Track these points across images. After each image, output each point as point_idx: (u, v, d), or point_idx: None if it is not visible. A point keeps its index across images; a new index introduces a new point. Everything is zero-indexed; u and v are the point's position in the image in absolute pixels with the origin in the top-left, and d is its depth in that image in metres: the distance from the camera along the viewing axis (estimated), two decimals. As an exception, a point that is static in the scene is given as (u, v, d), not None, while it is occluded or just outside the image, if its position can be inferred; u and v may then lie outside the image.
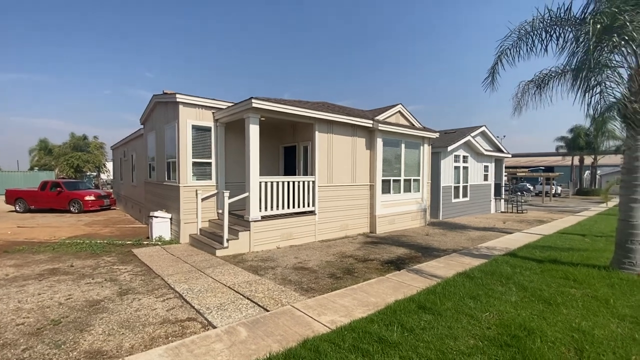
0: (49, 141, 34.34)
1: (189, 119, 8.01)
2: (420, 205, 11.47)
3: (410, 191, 11.16)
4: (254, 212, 7.22)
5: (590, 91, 4.27)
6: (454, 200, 14.08)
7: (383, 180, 10.08)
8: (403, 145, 10.76)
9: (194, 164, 8.15)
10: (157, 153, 9.92)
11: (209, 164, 8.42)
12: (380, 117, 10.12)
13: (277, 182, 7.73)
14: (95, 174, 34.53)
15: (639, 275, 4.60)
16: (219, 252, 6.68)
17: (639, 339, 2.88)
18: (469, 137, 14.21)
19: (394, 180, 10.49)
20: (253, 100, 6.83)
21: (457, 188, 14.27)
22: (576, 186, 34.30)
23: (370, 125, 9.50)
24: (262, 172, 9.06)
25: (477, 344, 2.81)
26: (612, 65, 4.41)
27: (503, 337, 2.91)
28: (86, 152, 31.54)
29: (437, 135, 12.02)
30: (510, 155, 17.72)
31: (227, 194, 6.96)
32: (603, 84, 4.24)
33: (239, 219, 7.63)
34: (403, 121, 11.24)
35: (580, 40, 4.49)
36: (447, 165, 13.60)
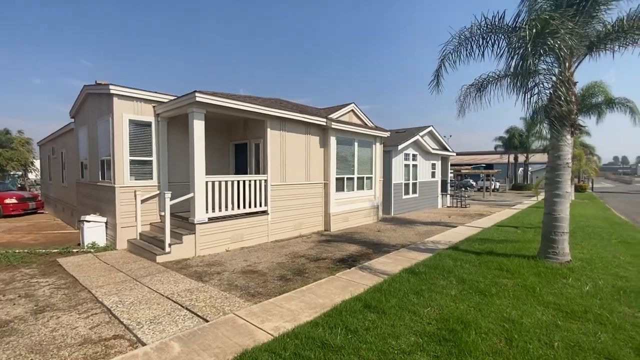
0: (-38, 136, 29.58)
1: (125, 112, 7.30)
2: (373, 203, 11.74)
3: (363, 189, 11.36)
4: (200, 214, 6.79)
5: (530, 92, 4.60)
6: (404, 197, 14.65)
7: (337, 179, 10.13)
8: (356, 144, 10.90)
9: (132, 162, 7.46)
10: (89, 150, 8.94)
11: (150, 162, 7.77)
12: (334, 116, 10.14)
13: (226, 182, 7.35)
14: (20, 173, 30.50)
15: (561, 264, 5.09)
16: (160, 258, 6.17)
17: (561, 325, 3.14)
18: (417, 137, 14.86)
19: (347, 178, 10.59)
20: (197, 94, 6.39)
21: (407, 185, 14.86)
22: (512, 182, 37.85)
23: (324, 124, 9.45)
24: (211, 171, 8.60)
25: (417, 341, 2.85)
26: (544, 71, 4.79)
27: (442, 331, 2.99)
28: (9, 149, 27.67)
29: (388, 134, 12.37)
30: (455, 154, 18.91)
31: (168, 194, 6.45)
32: (540, 85, 4.60)
33: (184, 221, 7.13)
34: (356, 120, 11.39)
35: (516, 45, 4.79)
36: (398, 163, 14.09)
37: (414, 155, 15.30)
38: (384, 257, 6.23)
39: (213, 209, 7.10)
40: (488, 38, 6.26)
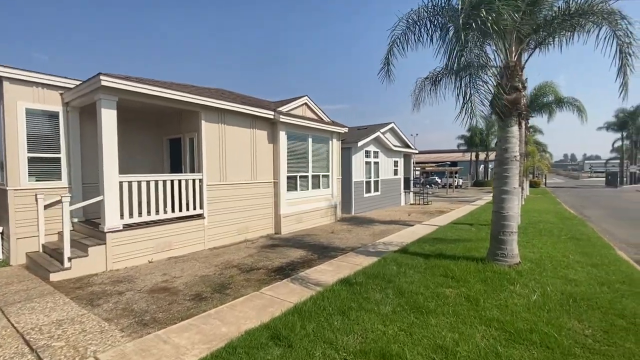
0: None
1: (20, 100, 6.07)
2: (330, 202, 11.10)
3: (319, 187, 10.69)
4: (112, 221, 5.74)
5: (461, 73, 4.07)
6: (365, 195, 14.18)
7: (289, 177, 9.37)
8: (310, 140, 10.21)
9: (32, 159, 6.24)
10: (-14, 146, 7.50)
11: (58, 159, 6.57)
12: (284, 109, 9.34)
13: (148, 182, 6.33)
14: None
15: (510, 267, 4.67)
16: (55, 276, 5.08)
17: (502, 352, 2.57)
18: (378, 133, 14.44)
19: (301, 177, 9.87)
20: (102, 78, 5.34)
21: (368, 183, 14.40)
22: (474, 178, 39.07)
23: (272, 117, 8.65)
24: (141, 169, 7.56)
25: (321, 390, 2.15)
26: (476, 49, 4.29)
27: (357, 372, 2.31)
28: None
29: (346, 130, 11.79)
30: (417, 151, 18.81)
31: (67, 198, 5.35)
32: (473, 67, 4.08)
33: (96, 229, 6.04)
34: (310, 114, 10.66)
35: (455, 25, 4.27)
36: (358, 161, 13.58)
37: (375, 153, 14.88)
38: (325, 264, 5.55)
39: (131, 214, 6.07)
40: (436, 21, 5.78)
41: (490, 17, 3.82)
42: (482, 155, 37.72)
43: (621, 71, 5.05)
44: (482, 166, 40.82)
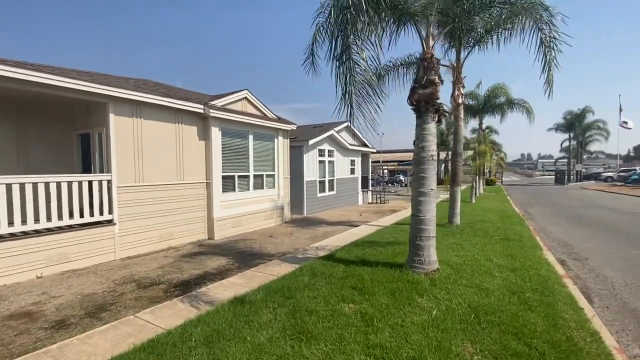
0: None
1: None
2: (275, 203, 10.53)
3: (262, 188, 10.09)
4: (-20, 231, 4.81)
5: (343, 57, 3.65)
6: (319, 195, 13.77)
7: (225, 177, 8.69)
8: (251, 137, 9.58)
9: None
10: None
11: None
12: (219, 103, 8.62)
13: (35, 184, 5.42)
14: None
15: (426, 274, 4.35)
16: None
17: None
18: (332, 132, 14.07)
19: (240, 177, 9.21)
20: (-43, 59, 4.40)
21: (322, 182, 14.00)
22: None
23: (201, 111, 7.92)
24: (49, 169, 6.61)
25: None
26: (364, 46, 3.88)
27: None
28: None
29: (294, 127, 11.24)
30: (374, 150, 18.70)
31: None
32: (351, 51, 3.69)
33: (-34, 241, 5.06)
34: (252, 110, 10.01)
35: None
36: (310, 159, 13.12)
37: (330, 151, 14.51)
38: (237, 277, 4.98)
39: (11, 222, 5.15)
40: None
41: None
42: (442, 155, 38.77)
43: (545, 67, 4.92)
44: (442, 165, 42.05)
